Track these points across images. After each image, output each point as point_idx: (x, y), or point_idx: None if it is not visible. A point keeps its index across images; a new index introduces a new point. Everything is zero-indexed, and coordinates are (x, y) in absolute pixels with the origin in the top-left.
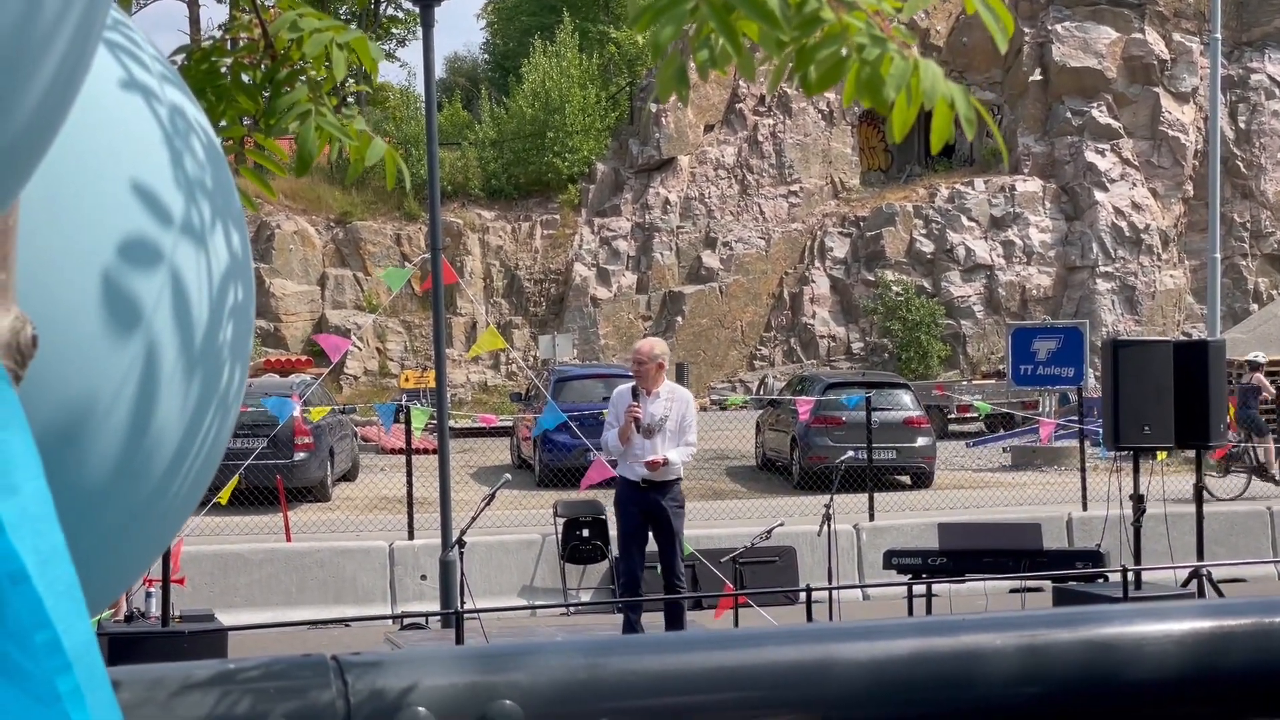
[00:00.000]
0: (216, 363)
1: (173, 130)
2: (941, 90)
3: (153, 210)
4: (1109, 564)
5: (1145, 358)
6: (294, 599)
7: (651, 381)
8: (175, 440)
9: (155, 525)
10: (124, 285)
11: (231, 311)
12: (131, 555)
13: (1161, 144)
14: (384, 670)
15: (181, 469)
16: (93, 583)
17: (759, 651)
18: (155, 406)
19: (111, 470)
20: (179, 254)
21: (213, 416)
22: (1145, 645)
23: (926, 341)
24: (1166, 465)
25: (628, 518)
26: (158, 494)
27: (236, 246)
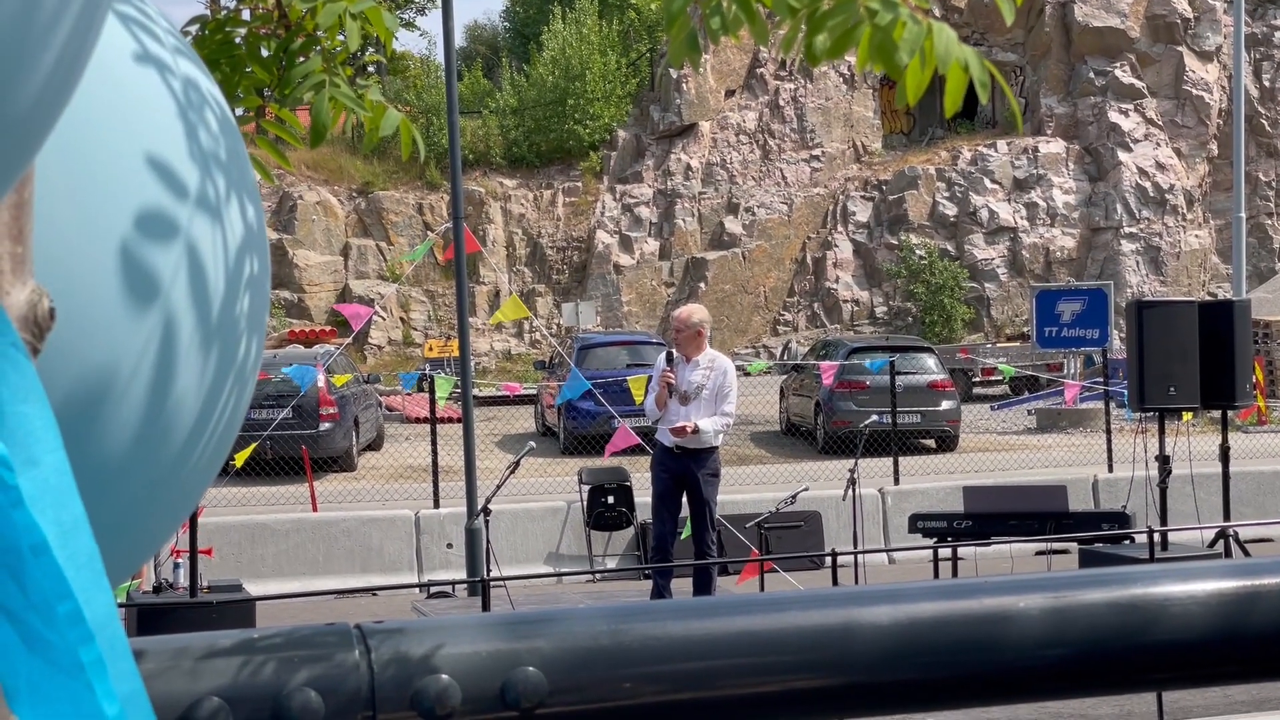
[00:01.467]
0: (234, 334)
1: (186, 103)
2: (955, 54)
3: (168, 183)
4: (1135, 525)
5: (1170, 318)
6: (320, 568)
7: (691, 348)
8: (194, 411)
9: (175, 495)
10: (142, 258)
11: (248, 284)
12: (152, 525)
13: (1185, 103)
14: (407, 638)
15: (201, 439)
16: (114, 553)
17: (783, 616)
18: (174, 378)
19: (132, 441)
20: (195, 227)
21: (230, 387)
22: (1173, 605)
23: (950, 305)
24: (1192, 426)
25: (659, 482)
26: (177, 464)
27: (251, 219)
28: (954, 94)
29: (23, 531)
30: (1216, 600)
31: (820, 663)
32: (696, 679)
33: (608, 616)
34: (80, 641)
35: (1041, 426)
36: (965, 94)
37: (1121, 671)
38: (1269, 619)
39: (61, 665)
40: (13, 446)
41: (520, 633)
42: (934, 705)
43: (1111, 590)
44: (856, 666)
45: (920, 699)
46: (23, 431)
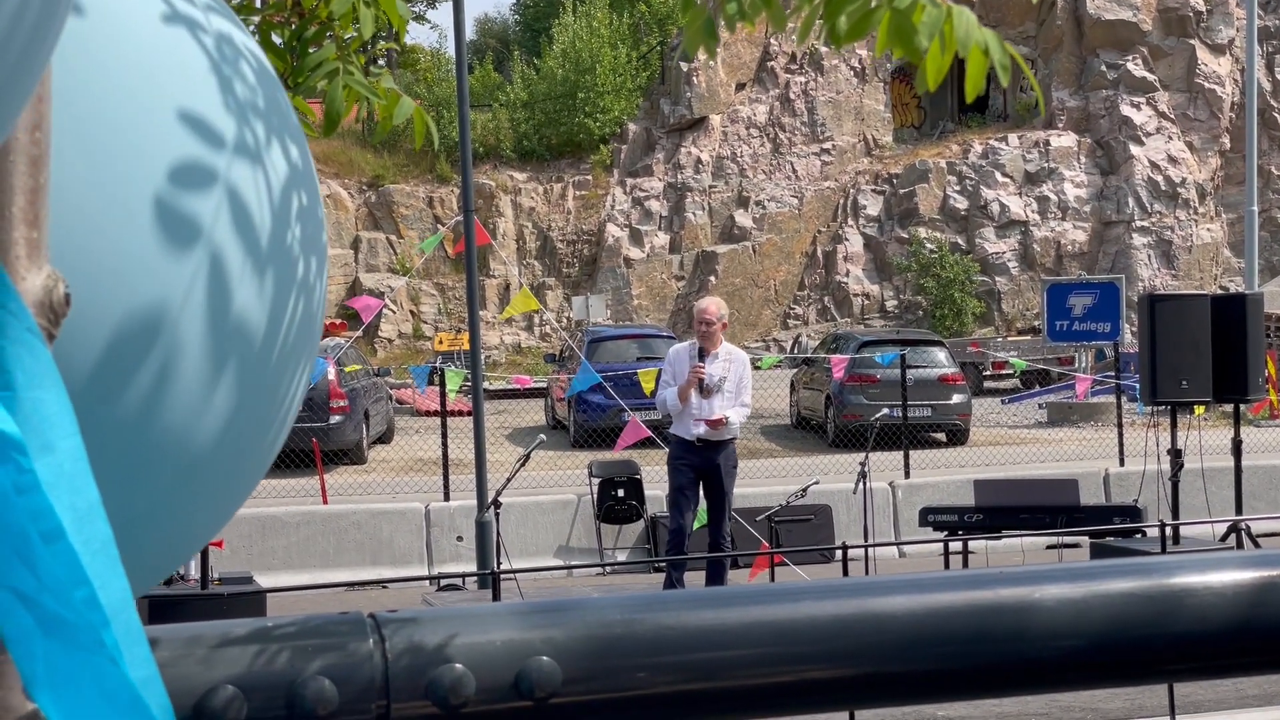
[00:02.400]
0: (288, 257)
1: (220, 58)
2: (975, 38)
3: (203, 135)
4: (1147, 519)
5: (1182, 312)
6: (331, 561)
7: (714, 341)
8: (260, 322)
9: (264, 411)
10: (178, 205)
11: (298, 214)
12: (244, 455)
13: (1197, 96)
14: (420, 627)
15: (275, 345)
16: (206, 495)
17: (797, 606)
18: (231, 298)
19: (202, 357)
20: (234, 172)
21: (295, 299)
22: (1191, 596)
23: (961, 299)
24: (1204, 420)
25: (680, 474)
26: (256, 370)
27: (296, 158)
28: (974, 78)
29: (39, 517)
30: (1234, 591)
31: (834, 653)
32: (710, 669)
33: (621, 606)
34: (100, 624)
35: (1052, 420)
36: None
37: (1139, 662)
38: None
39: (82, 644)
40: (28, 432)
41: (534, 622)
42: (949, 696)
43: (1129, 581)
44: (871, 657)
45: (935, 690)
46: (38, 417)
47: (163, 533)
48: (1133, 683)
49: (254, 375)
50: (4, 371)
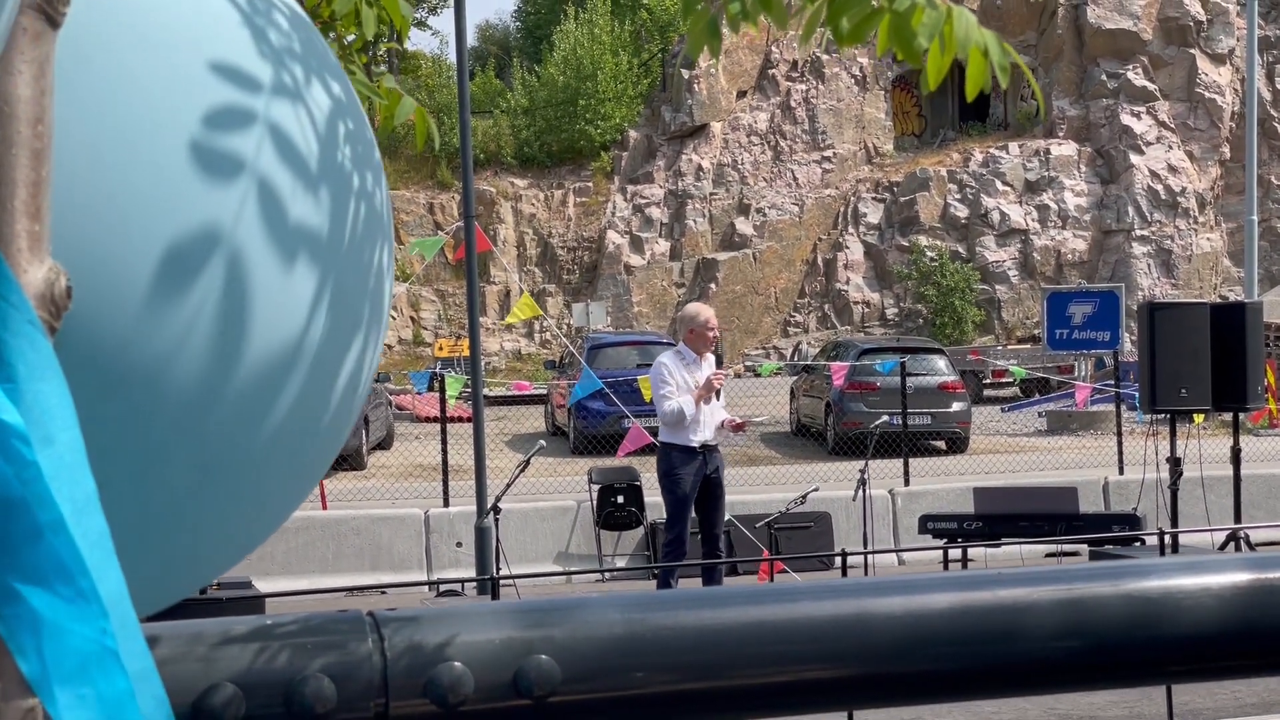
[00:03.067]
0: (341, 171)
1: (251, 10)
2: (975, 39)
3: (237, 82)
4: (1146, 527)
5: (1182, 320)
6: (330, 566)
7: (709, 347)
8: (324, 223)
9: (345, 302)
10: (215, 145)
11: (346, 137)
12: (327, 360)
13: (1198, 106)
14: (420, 626)
15: (343, 234)
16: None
17: (796, 606)
18: (287, 209)
19: (271, 253)
20: (274, 110)
21: (355, 203)
22: (1186, 598)
23: (961, 307)
24: (1203, 429)
25: (685, 483)
26: (327, 260)
27: (338, 92)
28: (974, 79)
29: (41, 508)
30: (1230, 593)
31: (833, 653)
32: (709, 669)
33: (621, 606)
34: (99, 614)
35: (1052, 429)
36: (977, 96)
37: (1135, 665)
38: None
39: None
40: (30, 424)
41: (533, 621)
42: (947, 697)
43: (1125, 583)
44: (869, 657)
45: (933, 691)
46: (39, 409)
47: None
48: (1130, 684)
49: (326, 260)
50: (6, 364)
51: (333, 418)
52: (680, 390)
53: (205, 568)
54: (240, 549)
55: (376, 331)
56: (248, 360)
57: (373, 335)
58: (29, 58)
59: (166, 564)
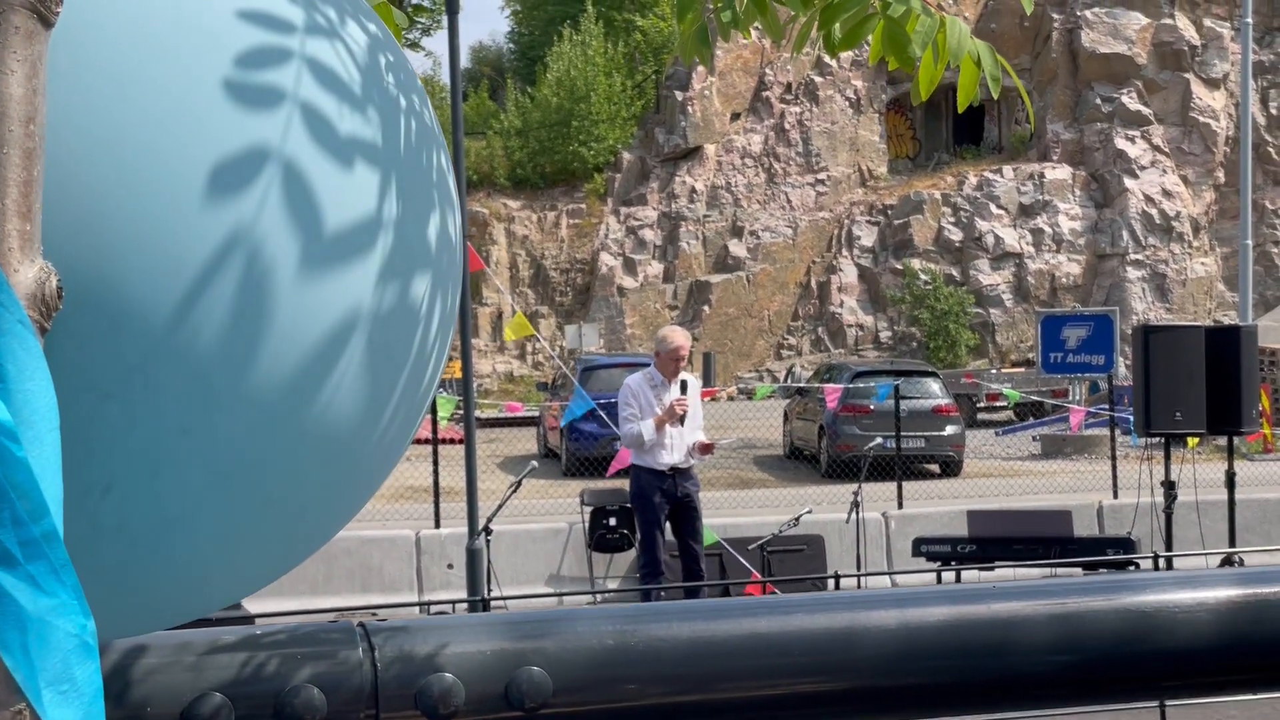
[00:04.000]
0: (387, 95)
1: None
2: (968, 47)
3: (269, 25)
4: (1140, 551)
5: (1177, 343)
6: (320, 588)
7: (675, 373)
8: (376, 133)
9: (409, 204)
10: (251, 81)
11: (388, 68)
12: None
13: (1192, 130)
14: (411, 636)
15: (398, 144)
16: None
17: (789, 619)
18: (334, 126)
19: (325, 161)
20: (309, 47)
21: (404, 118)
22: (1179, 613)
23: (955, 330)
24: (1198, 454)
25: (655, 507)
26: (385, 163)
27: (374, 30)
28: (966, 87)
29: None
30: (1223, 609)
31: (825, 666)
32: (701, 681)
33: (612, 618)
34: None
35: (1046, 452)
36: (972, 119)
37: (1127, 680)
38: (1275, 628)
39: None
40: (20, 424)
41: (525, 633)
42: (939, 710)
43: (1117, 598)
44: (862, 670)
45: (925, 704)
46: (29, 409)
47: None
48: (1122, 700)
49: (383, 160)
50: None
51: (404, 390)
52: (643, 413)
53: (238, 579)
54: (281, 561)
55: (453, 276)
56: (289, 326)
57: (449, 282)
58: (21, 57)
59: (191, 570)
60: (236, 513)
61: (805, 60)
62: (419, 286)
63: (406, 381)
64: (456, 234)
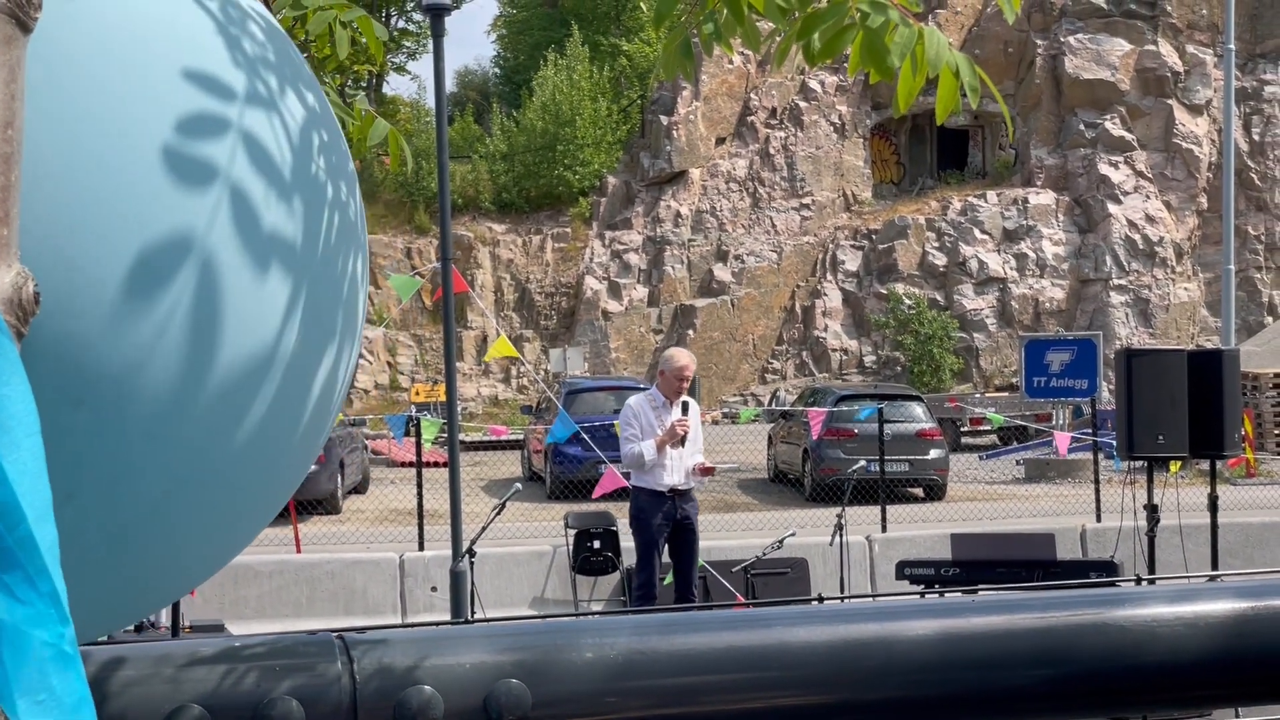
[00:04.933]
0: (315, 182)
1: (225, 19)
2: (946, 59)
3: (211, 90)
4: (1123, 574)
5: (1159, 367)
6: (304, 610)
7: (679, 394)
8: (296, 231)
9: (319, 313)
10: (189, 151)
11: (320, 148)
12: (311, 363)
13: (1175, 156)
14: (390, 649)
15: (316, 244)
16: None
17: (769, 633)
18: (260, 218)
19: (244, 265)
20: (248, 119)
21: (328, 212)
22: (1161, 628)
23: (939, 354)
24: (1181, 478)
25: (653, 529)
26: (300, 272)
27: (312, 102)
28: (945, 99)
29: (6, 512)
30: (1205, 623)
31: (807, 680)
32: (681, 694)
33: (591, 631)
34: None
35: (1030, 476)
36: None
37: (1110, 694)
38: (1263, 641)
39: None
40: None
41: (504, 645)
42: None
43: (1100, 612)
44: (845, 684)
45: (908, 718)
46: (5, 414)
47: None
48: (1106, 713)
49: (299, 268)
50: None
51: (306, 430)
52: (644, 434)
53: (178, 580)
54: (213, 562)
55: (351, 342)
56: (219, 370)
57: (347, 345)
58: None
59: (137, 576)
60: (183, 519)
61: (790, 85)
62: (312, 424)
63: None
64: (350, 370)
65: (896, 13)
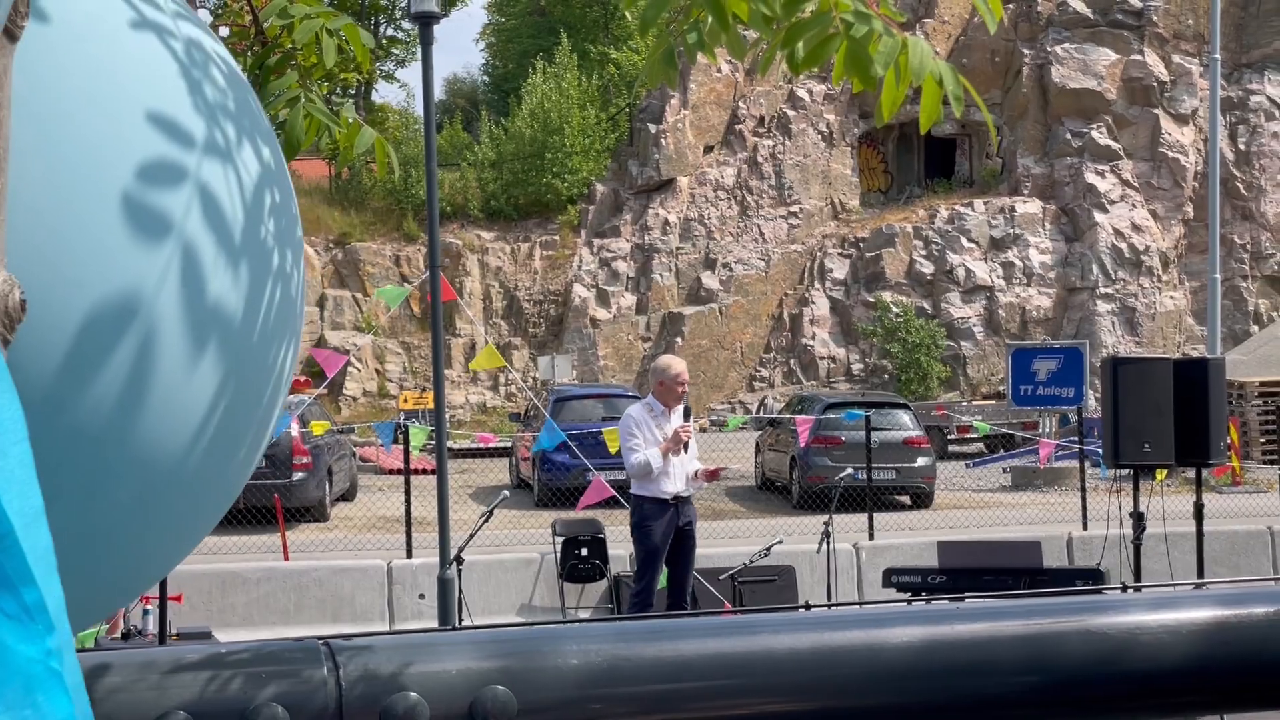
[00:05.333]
0: (263, 249)
1: (190, 62)
2: (930, 68)
3: (173, 135)
4: (1109, 582)
5: (1145, 375)
6: (291, 618)
7: (678, 400)
8: (238, 306)
9: (248, 393)
10: (148, 201)
11: (271, 210)
12: (238, 433)
13: (1161, 165)
14: (376, 655)
15: (254, 324)
16: (191, 486)
17: (754, 639)
18: (206, 285)
19: (179, 337)
20: (205, 170)
21: (272, 286)
22: (1145, 634)
23: (926, 363)
24: (1167, 486)
25: (656, 535)
26: (237, 351)
27: (267, 158)
28: (929, 109)
29: None
30: (1189, 630)
31: (792, 686)
32: (666, 701)
33: (577, 637)
34: (45, 631)
35: (1016, 484)
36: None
37: (1095, 701)
38: (1246, 649)
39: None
40: None
41: (490, 651)
42: None
43: (1085, 619)
44: (829, 691)
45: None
46: None
47: (139, 538)
48: (1091, 719)
49: (235, 352)
50: None
51: (234, 475)
52: (648, 442)
53: (114, 595)
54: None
55: (272, 417)
56: (139, 447)
57: (268, 423)
58: None
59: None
60: (144, 528)
61: (778, 94)
62: (236, 473)
63: None
64: (269, 428)
65: (880, 22)
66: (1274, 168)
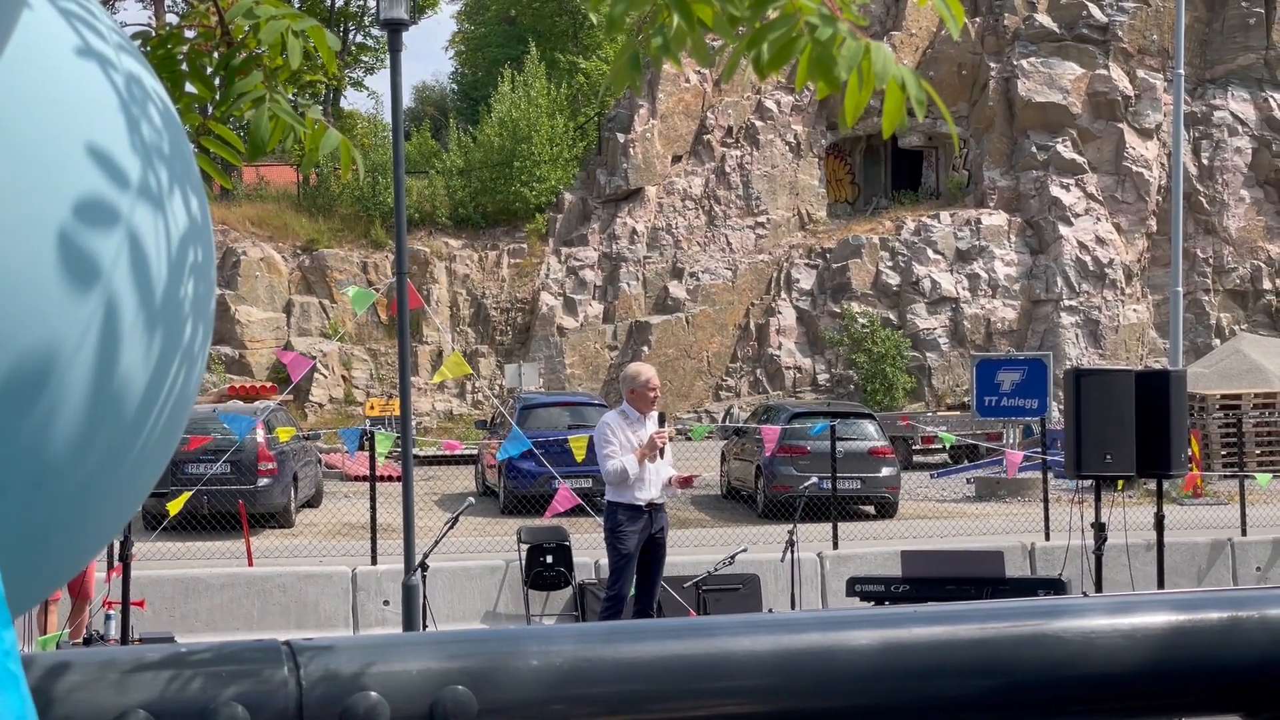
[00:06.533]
0: (178, 317)
1: (129, 97)
2: (893, 72)
3: (109, 173)
4: (1070, 592)
5: (1107, 386)
6: (255, 623)
7: (651, 406)
8: (141, 389)
9: (125, 479)
10: (81, 243)
11: (191, 270)
12: (101, 515)
13: (1125, 179)
14: (337, 655)
15: (149, 419)
16: (58, 548)
17: (713, 641)
18: (119, 355)
19: (80, 415)
20: (136, 215)
21: (177, 368)
22: (1100, 639)
23: (892, 373)
24: (1128, 497)
25: (630, 542)
26: (126, 443)
27: (195, 211)
28: (892, 113)
29: None
30: (1144, 634)
31: (752, 689)
32: (626, 702)
33: (538, 638)
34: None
35: (980, 495)
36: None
37: (1048, 704)
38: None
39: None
40: None
41: (450, 652)
42: None
43: (1040, 623)
44: (787, 693)
45: None
46: None
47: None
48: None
49: (125, 441)
50: None
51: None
52: (623, 449)
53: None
54: None
55: (155, 480)
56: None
57: (146, 490)
58: None
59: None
60: (86, 522)
61: (746, 104)
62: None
63: None
64: (153, 477)
65: (845, 26)
66: (1237, 182)
